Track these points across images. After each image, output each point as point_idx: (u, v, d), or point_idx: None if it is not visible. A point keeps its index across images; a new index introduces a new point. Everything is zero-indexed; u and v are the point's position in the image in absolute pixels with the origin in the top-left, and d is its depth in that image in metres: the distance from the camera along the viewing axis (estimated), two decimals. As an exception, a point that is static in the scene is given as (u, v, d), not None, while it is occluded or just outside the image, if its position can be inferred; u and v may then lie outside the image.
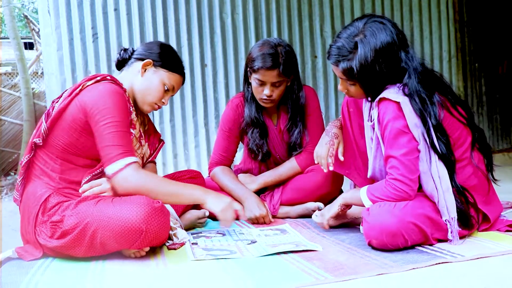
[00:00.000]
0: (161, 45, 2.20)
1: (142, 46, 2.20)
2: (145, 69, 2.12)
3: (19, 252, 1.94)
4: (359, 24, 1.89)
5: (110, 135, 1.88)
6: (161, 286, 1.56)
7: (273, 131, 2.69)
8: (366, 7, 4.89)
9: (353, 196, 2.01)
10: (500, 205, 2.02)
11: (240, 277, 1.59)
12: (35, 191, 1.94)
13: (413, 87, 1.83)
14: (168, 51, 2.19)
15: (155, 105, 2.15)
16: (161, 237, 1.83)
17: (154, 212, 1.79)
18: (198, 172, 2.53)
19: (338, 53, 1.90)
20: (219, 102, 4.44)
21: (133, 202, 1.80)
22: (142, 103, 2.14)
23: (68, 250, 1.85)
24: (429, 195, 1.84)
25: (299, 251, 1.86)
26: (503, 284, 1.42)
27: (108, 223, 1.77)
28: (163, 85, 2.13)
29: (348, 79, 1.91)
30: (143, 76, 2.12)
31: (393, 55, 1.86)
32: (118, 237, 1.76)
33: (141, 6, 4.20)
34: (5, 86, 7.21)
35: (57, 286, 1.61)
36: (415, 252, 1.76)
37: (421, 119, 1.81)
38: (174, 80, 2.16)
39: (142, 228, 1.75)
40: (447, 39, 5.22)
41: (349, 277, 1.53)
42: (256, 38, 4.48)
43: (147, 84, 2.11)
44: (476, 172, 1.91)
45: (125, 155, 1.89)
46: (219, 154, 2.72)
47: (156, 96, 2.13)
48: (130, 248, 1.83)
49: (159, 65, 2.13)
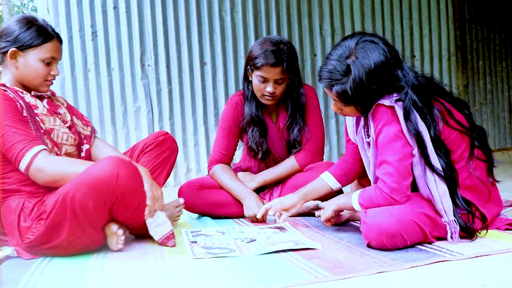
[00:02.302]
0: (14, 25, 2.01)
1: (0, 35, 2.03)
2: (15, 59, 2.00)
3: (18, 251, 1.94)
4: (349, 44, 1.84)
5: (4, 136, 1.87)
6: (160, 284, 1.56)
7: (273, 129, 2.69)
8: (366, 5, 4.89)
9: (346, 202, 2.00)
10: (500, 204, 2.00)
11: (240, 275, 1.59)
12: (9, 208, 1.94)
13: (409, 103, 1.80)
14: (23, 27, 2.00)
15: (47, 82, 2.06)
16: (134, 185, 1.86)
17: (124, 162, 1.84)
18: (165, 133, 2.41)
19: (330, 76, 1.85)
20: (218, 100, 4.44)
21: (103, 159, 1.87)
22: (35, 87, 2.06)
23: (53, 234, 1.85)
24: (426, 197, 1.84)
25: (298, 250, 1.85)
26: (502, 282, 1.42)
27: (82, 181, 1.80)
28: (42, 62, 2.01)
29: (343, 101, 1.88)
30: (18, 66, 2.01)
31: (387, 74, 1.83)
32: (94, 190, 1.78)
33: (140, 4, 4.20)
34: (4, 85, 7.21)
35: (56, 284, 1.61)
36: (414, 251, 1.76)
37: (416, 134, 1.79)
38: (48, 50, 2.03)
39: (113, 173, 1.79)
40: (446, 37, 5.22)
41: (349, 276, 1.53)
42: (255, 36, 4.48)
43: (26, 71, 2.01)
44: (473, 171, 1.90)
45: (29, 147, 1.86)
46: (219, 152, 2.71)
47: (42, 75, 2.03)
48: (106, 204, 1.83)
49: (24, 47, 1.99)
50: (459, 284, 1.42)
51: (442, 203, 1.79)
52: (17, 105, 1.96)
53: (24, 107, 1.98)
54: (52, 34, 2.05)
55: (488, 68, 5.57)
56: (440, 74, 5.17)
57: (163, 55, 4.27)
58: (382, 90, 1.83)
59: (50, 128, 2.03)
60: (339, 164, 2.26)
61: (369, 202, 1.85)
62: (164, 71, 4.28)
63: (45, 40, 2.02)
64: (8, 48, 2.00)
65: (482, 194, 1.91)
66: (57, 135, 2.05)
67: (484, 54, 5.53)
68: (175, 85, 4.32)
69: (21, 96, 2.00)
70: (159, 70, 4.28)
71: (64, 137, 2.07)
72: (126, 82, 4.21)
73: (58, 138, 2.05)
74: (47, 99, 2.13)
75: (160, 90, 4.28)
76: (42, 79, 2.04)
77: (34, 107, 2.02)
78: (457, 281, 1.44)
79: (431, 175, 1.80)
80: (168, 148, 2.40)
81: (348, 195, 2.01)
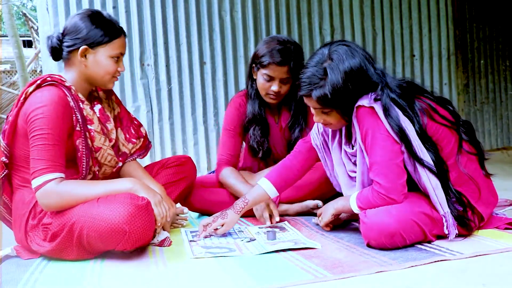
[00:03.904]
0: (83, 23, 1.97)
1: (67, 33, 1.99)
2: (85, 56, 1.98)
3: (17, 250, 1.94)
4: (323, 51, 1.89)
5: (37, 148, 1.83)
6: (160, 284, 1.56)
7: (275, 128, 2.69)
8: (365, 4, 4.88)
9: (344, 205, 2.00)
10: (494, 200, 1.98)
11: (239, 275, 1.59)
12: (23, 198, 1.93)
13: (387, 99, 1.81)
14: (93, 24, 1.97)
15: (114, 78, 2.05)
16: (145, 237, 1.82)
17: (137, 211, 1.77)
18: (187, 158, 2.50)
19: (309, 82, 1.87)
20: (218, 100, 4.44)
21: (117, 201, 1.78)
22: (103, 84, 2.05)
23: (61, 253, 1.85)
24: (423, 191, 1.85)
25: (298, 249, 1.86)
26: (501, 282, 1.42)
27: (92, 223, 1.76)
28: (111, 58, 2.00)
29: (323, 107, 1.89)
30: (88, 64, 1.99)
31: (363, 73, 1.85)
32: (103, 237, 1.76)
33: (140, 3, 4.19)
34: (4, 84, 7.20)
35: (55, 284, 1.62)
36: (414, 250, 1.76)
37: (399, 130, 1.79)
38: (117, 47, 2.01)
39: (125, 229, 1.74)
40: (446, 36, 5.21)
41: (348, 275, 1.53)
42: (255, 36, 4.48)
43: (96, 68, 1.99)
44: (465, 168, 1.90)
45: (47, 171, 1.82)
46: (227, 154, 2.65)
47: (111, 72, 2.01)
48: (116, 249, 1.82)
49: (95, 45, 1.97)
50: (459, 283, 1.42)
51: (437, 195, 1.80)
52: (73, 118, 1.93)
53: (80, 121, 1.95)
54: (120, 30, 2.03)
55: (490, 67, 5.55)
56: (439, 74, 5.17)
57: (162, 54, 4.26)
58: (359, 90, 1.85)
59: (98, 147, 2.02)
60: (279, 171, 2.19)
61: (367, 204, 1.85)
62: (164, 71, 4.28)
63: (114, 37, 2.00)
64: (78, 46, 1.96)
65: (477, 188, 1.89)
66: (102, 155, 2.04)
67: (486, 53, 5.51)
68: (175, 84, 4.31)
69: (80, 107, 1.97)
70: (159, 70, 4.28)
71: (108, 158, 2.07)
72: (125, 82, 4.21)
73: (102, 158, 2.05)
74: (100, 105, 2.11)
75: (160, 89, 4.28)
76: (110, 75, 2.02)
77: (90, 122, 1.99)
78: (457, 281, 1.44)
79: (422, 169, 1.81)
80: (187, 171, 2.46)
81: (346, 198, 2.00)
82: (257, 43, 4.47)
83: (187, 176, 2.47)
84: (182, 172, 2.44)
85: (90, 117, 2.00)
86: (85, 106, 2.00)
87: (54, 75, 1.96)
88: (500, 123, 5.62)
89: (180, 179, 2.43)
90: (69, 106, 1.92)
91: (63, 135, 1.88)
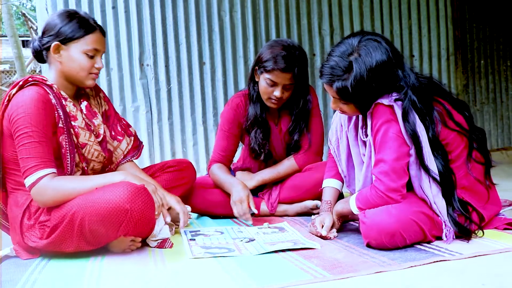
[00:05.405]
0: (56, 19, 1.99)
1: (43, 32, 2.01)
2: (58, 53, 1.97)
3: (16, 251, 1.94)
4: (352, 42, 1.83)
5: (24, 146, 1.83)
6: (159, 284, 1.56)
7: (275, 131, 2.69)
8: (365, 5, 4.89)
9: (344, 207, 2.00)
10: (499, 205, 2.00)
11: (239, 275, 1.59)
12: (17, 201, 1.94)
13: (408, 103, 1.79)
14: (65, 20, 1.97)
15: (92, 74, 2.02)
16: (146, 217, 1.83)
17: (137, 191, 1.79)
18: (188, 163, 2.50)
19: (332, 72, 1.84)
20: (217, 100, 4.44)
21: (116, 185, 1.80)
22: (80, 81, 2.02)
23: (60, 245, 1.85)
24: (420, 197, 1.84)
25: (297, 249, 1.86)
26: (501, 282, 1.42)
27: (93, 207, 1.77)
28: (85, 54, 1.98)
29: (342, 98, 1.87)
30: (62, 61, 1.98)
31: (388, 73, 1.82)
32: (105, 219, 1.77)
33: (139, 3, 4.19)
34: (3, 84, 7.20)
35: (55, 284, 1.61)
36: (413, 250, 1.76)
37: (412, 135, 1.79)
38: (91, 42, 1.98)
39: (126, 207, 1.76)
40: (445, 37, 5.22)
41: (347, 275, 1.53)
42: (254, 36, 4.48)
43: (71, 64, 1.98)
44: (470, 172, 1.90)
45: (39, 167, 1.82)
46: (218, 154, 2.69)
47: (86, 69, 1.99)
48: (119, 233, 1.82)
49: (67, 40, 1.96)
50: (458, 283, 1.42)
51: (436, 203, 1.80)
52: (55, 115, 1.93)
53: (62, 117, 1.95)
54: (94, 26, 2.01)
55: (490, 67, 5.55)
56: (439, 74, 5.17)
57: (162, 55, 4.27)
58: (382, 89, 1.83)
59: (83, 143, 2.01)
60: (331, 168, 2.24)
61: (366, 203, 1.85)
62: (163, 71, 4.28)
63: (86, 32, 1.98)
64: (51, 43, 1.97)
65: (480, 194, 1.91)
66: (88, 150, 2.04)
67: (486, 53, 5.52)
68: (174, 84, 4.32)
69: (63, 104, 1.97)
70: (158, 70, 4.28)
71: (95, 154, 2.07)
72: (125, 82, 4.21)
73: (89, 154, 2.04)
74: (87, 102, 2.11)
75: (159, 89, 4.28)
76: (86, 72, 2.00)
77: (73, 119, 1.99)
78: (456, 281, 1.44)
79: (425, 175, 1.80)
80: (187, 177, 2.46)
81: (345, 200, 2.00)
82: (256, 43, 4.47)
83: (187, 182, 2.48)
84: (182, 178, 2.45)
85: (73, 114, 2.00)
86: (68, 103, 2.00)
87: (36, 76, 1.97)
88: (501, 124, 5.62)
89: (180, 185, 2.44)
90: (50, 103, 1.92)
91: (47, 131, 1.88)
